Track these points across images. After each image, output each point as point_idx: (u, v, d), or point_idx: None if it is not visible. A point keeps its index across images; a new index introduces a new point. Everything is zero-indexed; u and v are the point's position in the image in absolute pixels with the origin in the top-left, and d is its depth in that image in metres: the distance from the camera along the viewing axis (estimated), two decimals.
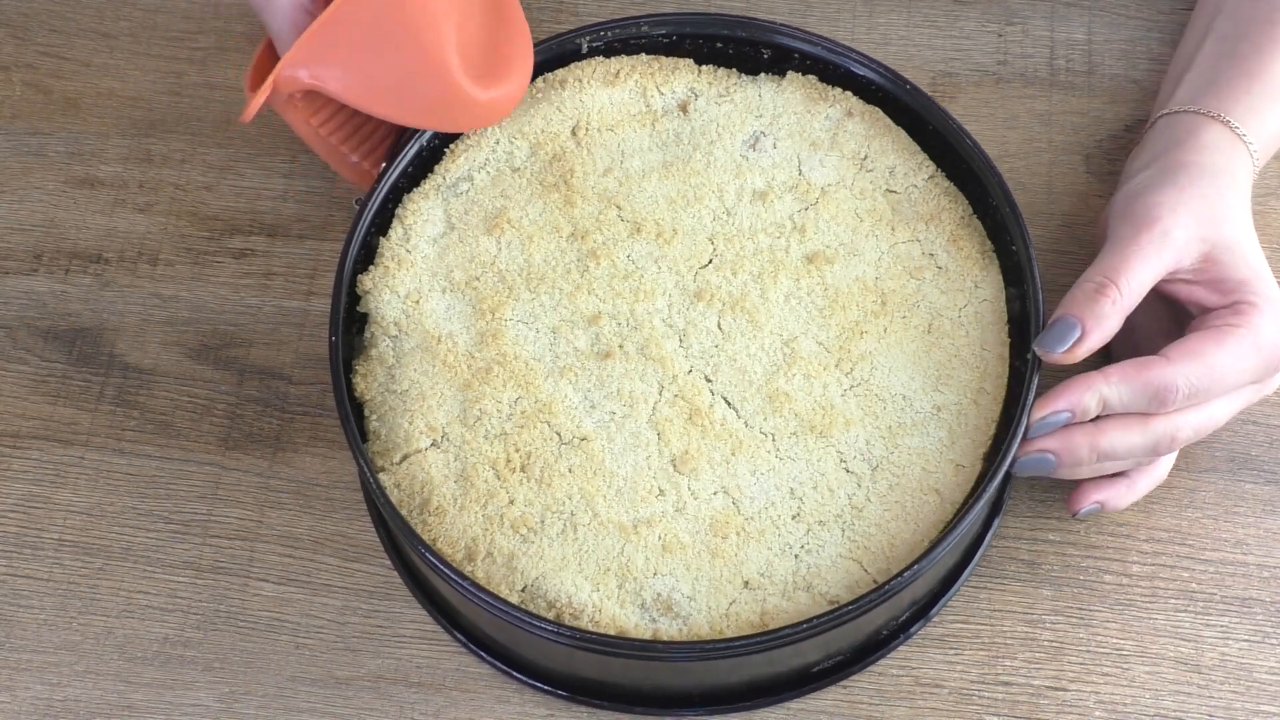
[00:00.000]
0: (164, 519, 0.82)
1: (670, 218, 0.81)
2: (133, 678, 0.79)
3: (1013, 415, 0.75)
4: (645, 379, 0.77)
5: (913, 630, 0.78)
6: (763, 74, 0.85)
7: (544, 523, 0.74)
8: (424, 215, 0.81)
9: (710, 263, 0.80)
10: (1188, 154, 0.78)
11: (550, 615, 0.72)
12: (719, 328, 0.78)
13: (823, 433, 0.76)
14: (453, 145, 0.83)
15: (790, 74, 0.84)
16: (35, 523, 0.83)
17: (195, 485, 0.83)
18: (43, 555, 0.82)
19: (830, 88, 0.84)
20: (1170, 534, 0.81)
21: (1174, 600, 0.79)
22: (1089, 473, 0.76)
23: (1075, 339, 0.74)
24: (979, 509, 0.73)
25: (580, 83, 0.84)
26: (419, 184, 0.82)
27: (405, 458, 0.76)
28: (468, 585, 0.71)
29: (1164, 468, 0.79)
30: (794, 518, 0.74)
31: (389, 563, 0.81)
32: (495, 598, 0.71)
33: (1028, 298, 0.77)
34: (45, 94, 0.95)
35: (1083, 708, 0.77)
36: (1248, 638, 0.78)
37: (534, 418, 0.76)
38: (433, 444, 0.76)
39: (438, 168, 0.83)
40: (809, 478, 0.75)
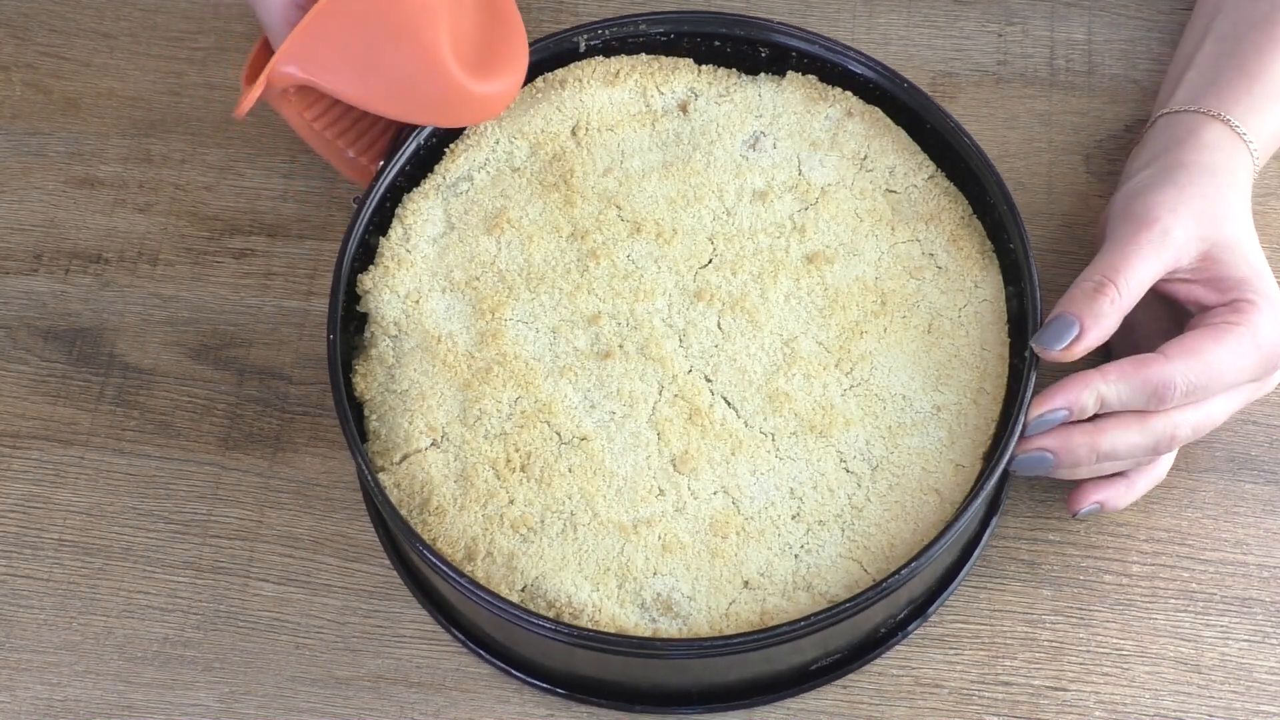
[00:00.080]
0: (164, 519, 0.82)
1: (670, 218, 0.81)
2: (133, 678, 0.79)
3: (1012, 414, 0.75)
4: (645, 379, 0.77)
5: (911, 629, 0.78)
6: (762, 74, 0.85)
7: (544, 522, 0.74)
8: (424, 215, 0.81)
9: (710, 263, 0.80)
10: (1188, 153, 0.78)
11: (550, 615, 0.72)
12: (719, 328, 0.78)
13: (823, 433, 0.76)
14: (452, 145, 0.83)
15: (790, 74, 0.84)
16: (35, 523, 0.83)
17: (195, 485, 0.83)
18: (43, 555, 0.82)
19: (830, 88, 0.84)
20: (1170, 534, 0.80)
21: (1174, 600, 0.79)
22: (1088, 473, 0.76)
23: (1073, 337, 0.74)
24: (976, 506, 0.73)
25: (580, 82, 0.84)
26: (419, 184, 0.82)
27: (405, 457, 0.76)
28: (467, 584, 0.71)
29: (1163, 467, 0.79)
30: (794, 517, 0.74)
31: (389, 563, 0.81)
32: (495, 597, 0.71)
33: (1026, 296, 0.76)
34: (45, 94, 0.95)
35: (1083, 708, 0.77)
36: (1248, 638, 0.78)
37: (534, 418, 0.76)
38: (433, 444, 0.76)
39: (437, 167, 0.83)
40: (809, 478, 0.75)
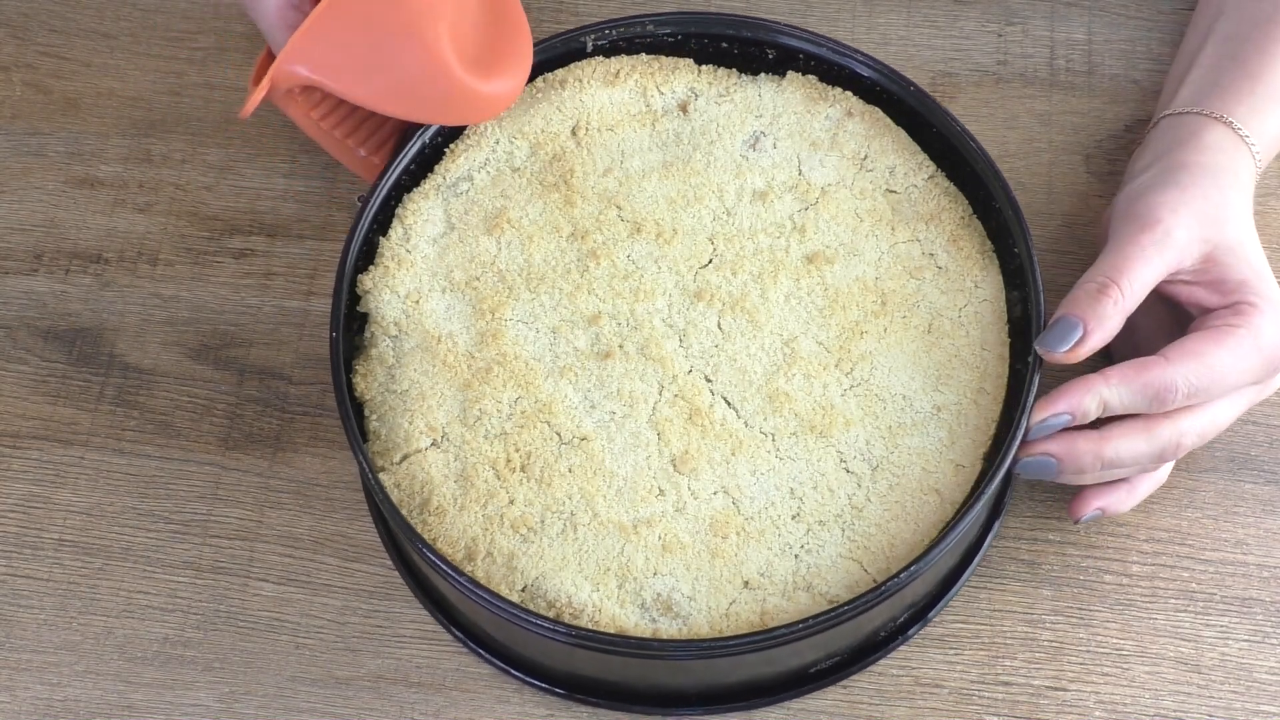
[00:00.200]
0: (164, 519, 0.82)
1: (670, 218, 0.81)
2: (133, 678, 0.79)
3: (1013, 415, 0.75)
4: (645, 379, 0.77)
5: (911, 632, 0.78)
6: (763, 74, 0.85)
7: (544, 522, 0.74)
8: (424, 215, 0.81)
9: (710, 263, 0.80)
10: (1190, 154, 0.78)
11: (550, 615, 0.72)
12: (719, 328, 0.78)
13: (823, 433, 0.76)
14: (453, 145, 0.83)
15: (790, 74, 0.84)
16: (35, 523, 0.83)
17: (195, 485, 0.83)
18: (43, 555, 0.82)
19: (830, 88, 0.84)
20: (1170, 534, 0.80)
21: (1174, 600, 0.79)
22: (1092, 479, 0.76)
23: (1077, 339, 0.73)
24: (978, 509, 0.73)
25: (580, 83, 0.84)
26: (419, 184, 0.82)
27: (405, 457, 0.76)
28: (468, 584, 0.71)
29: (1164, 471, 0.79)
30: (794, 518, 0.74)
31: (389, 563, 0.81)
32: (495, 596, 0.71)
33: (1029, 301, 0.76)
34: (45, 94, 0.95)
35: (1083, 708, 0.77)
36: (1248, 638, 0.78)
37: (534, 418, 0.76)
38: (433, 444, 0.76)
39: (437, 167, 0.83)
40: (809, 478, 0.75)
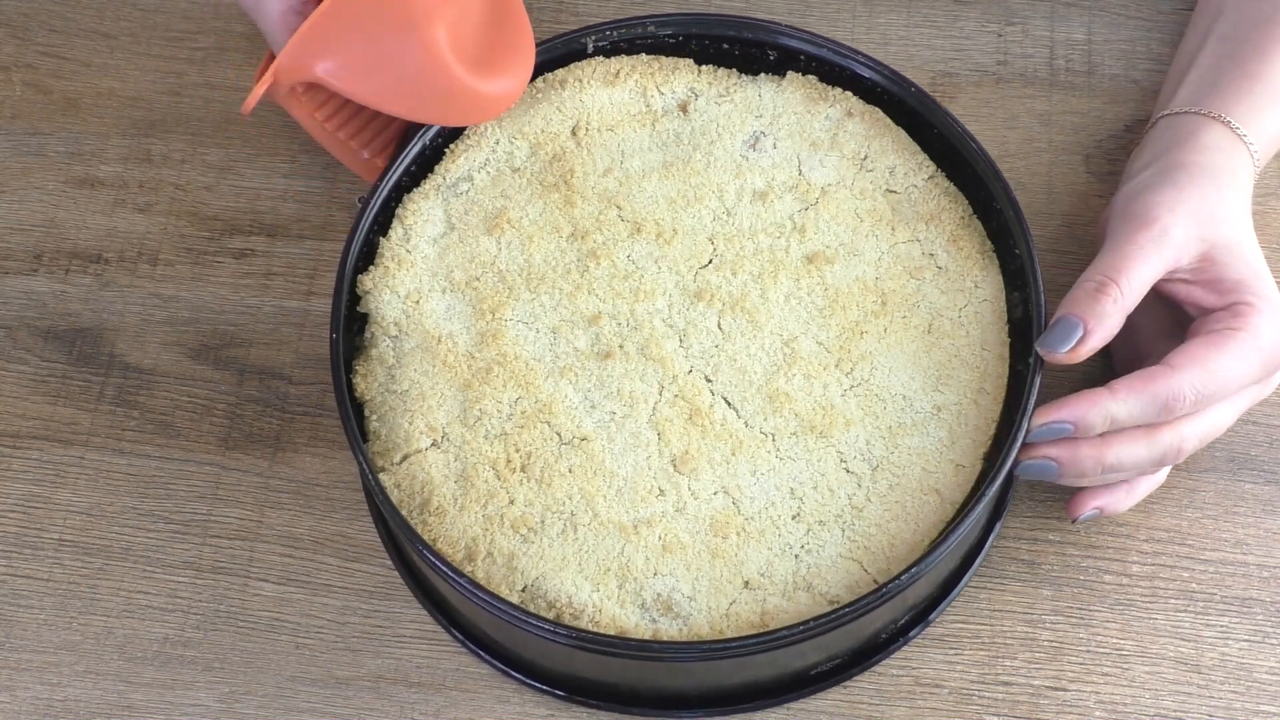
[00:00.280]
0: (164, 519, 0.82)
1: (670, 218, 0.81)
2: (133, 678, 0.79)
3: (1013, 416, 0.75)
4: (645, 379, 0.77)
5: (912, 634, 0.78)
6: (763, 74, 0.85)
7: (544, 523, 0.74)
8: (424, 215, 0.81)
9: (710, 263, 0.80)
10: (1188, 154, 0.78)
11: (550, 615, 0.72)
12: (719, 328, 0.78)
13: (823, 433, 0.76)
14: (453, 145, 0.83)
15: (790, 74, 0.84)
16: (35, 523, 0.83)
17: (195, 485, 0.83)
18: (43, 555, 0.82)
19: (830, 88, 0.84)
20: (1170, 534, 0.80)
21: (1174, 600, 0.79)
22: (1092, 483, 0.76)
23: (1078, 338, 0.73)
24: (980, 510, 0.73)
25: (580, 83, 0.84)
26: (419, 184, 0.82)
27: (405, 458, 0.76)
28: (468, 585, 0.71)
29: (1164, 471, 0.79)
30: (794, 518, 0.74)
31: (389, 563, 0.81)
32: (495, 597, 0.71)
33: (1030, 302, 0.76)
34: (45, 94, 0.95)
35: (1083, 708, 0.77)
36: (1248, 638, 0.78)
37: (534, 418, 0.76)
38: (433, 444, 0.76)
39: (438, 168, 0.83)
40: (809, 478, 0.75)
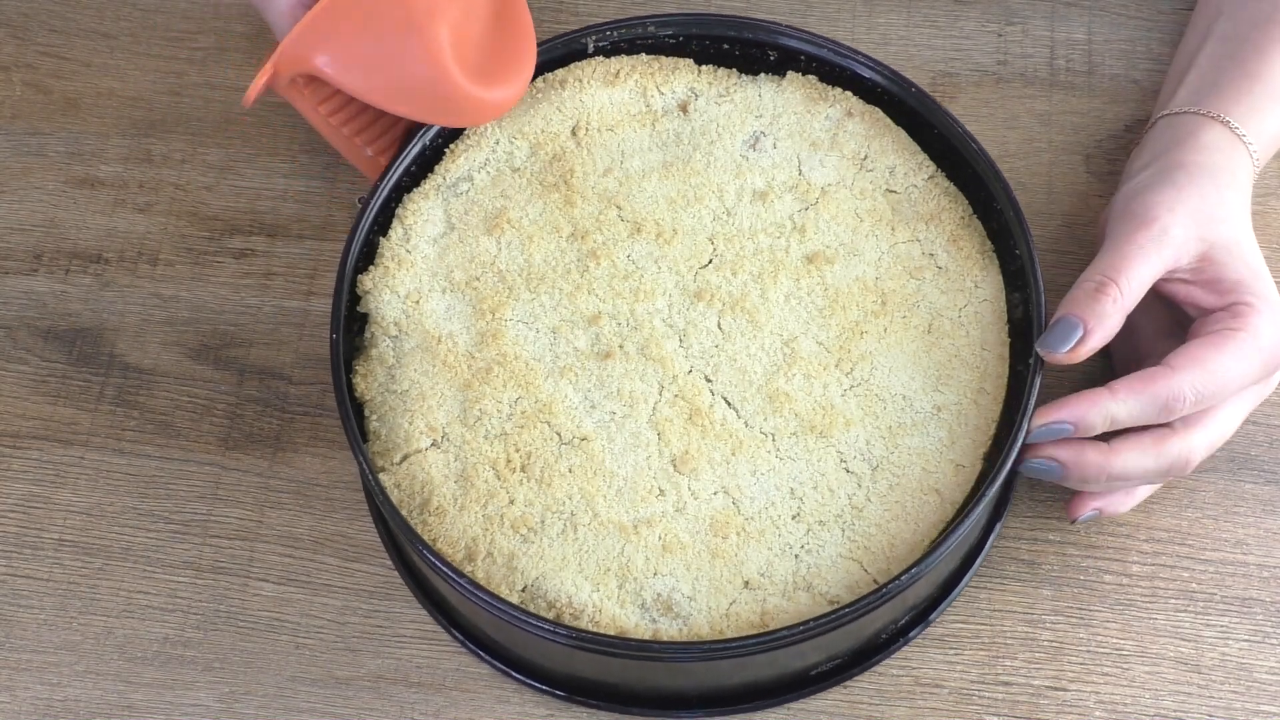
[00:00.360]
0: (164, 519, 0.82)
1: (670, 218, 0.81)
2: (133, 678, 0.79)
3: (1013, 416, 0.75)
4: (645, 379, 0.77)
5: (912, 634, 0.78)
6: (763, 74, 0.85)
7: (544, 523, 0.74)
8: (424, 215, 0.81)
9: (710, 263, 0.80)
10: (1187, 154, 0.78)
11: (550, 615, 0.72)
12: (719, 328, 0.78)
13: (823, 433, 0.76)
14: (453, 145, 0.83)
15: (790, 74, 0.84)
16: (35, 523, 0.83)
17: (195, 485, 0.83)
18: (43, 555, 0.82)
19: (830, 88, 0.84)
20: (1170, 534, 0.80)
21: (1174, 600, 0.79)
22: (1096, 488, 0.76)
23: (1078, 338, 0.73)
24: (980, 511, 0.73)
25: (580, 83, 0.84)
26: (419, 184, 0.82)
27: (405, 458, 0.76)
28: (468, 585, 0.71)
29: None
30: (794, 518, 0.74)
31: (389, 563, 0.81)
32: (495, 597, 0.71)
33: (1031, 302, 0.76)
34: (45, 94, 0.95)
35: (1083, 708, 0.77)
36: (1248, 638, 0.78)
37: (534, 418, 0.76)
38: (433, 444, 0.76)
39: (437, 168, 0.83)
40: (809, 478, 0.75)
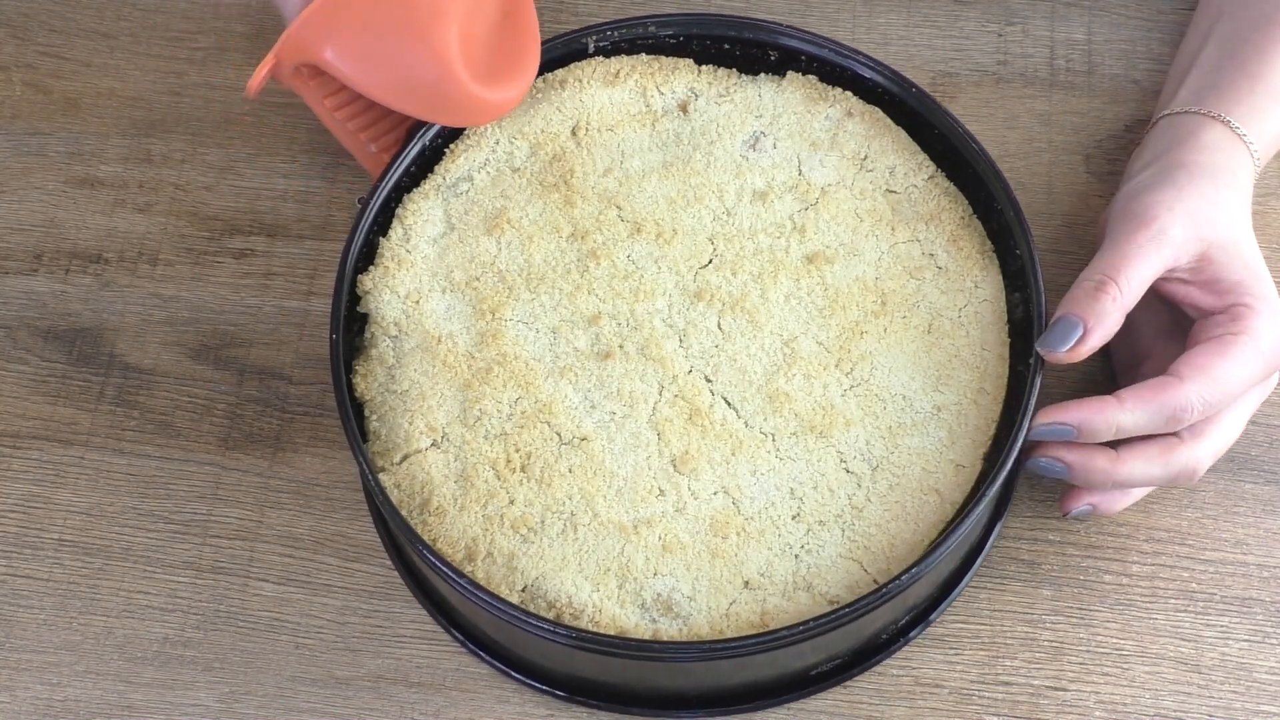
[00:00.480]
0: (164, 519, 0.82)
1: (670, 218, 0.81)
2: (133, 678, 0.79)
3: (1013, 416, 0.75)
4: (645, 379, 0.77)
5: (912, 635, 0.78)
6: (763, 74, 0.85)
7: (544, 523, 0.74)
8: (424, 215, 0.81)
9: (710, 263, 0.80)
10: (1188, 154, 0.78)
11: (550, 615, 0.72)
12: (719, 328, 0.78)
13: (823, 433, 0.76)
14: (453, 145, 0.83)
15: (790, 74, 0.84)
16: (35, 523, 0.83)
17: (195, 485, 0.83)
18: (43, 555, 0.82)
19: (830, 88, 0.84)
20: (1170, 534, 0.80)
21: (1174, 600, 0.79)
22: (1101, 491, 0.76)
23: (1078, 338, 0.73)
24: (981, 511, 0.73)
25: (580, 83, 0.84)
26: (419, 184, 0.82)
27: (405, 458, 0.76)
28: (468, 585, 0.71)
29: None
30: (794, 518, 0.74)
31: (389, 563, 0.81)
32: (495, 598, 0.71)
33: (1031, 303, 0.76)
34: (45, 94, 0.95)
35: (1083, 708, 0.77)
36: (1248, 638, 0.78)
37: (534, 418, 0.76)
38: (433, 444, 0.76)
39: (437, 168, 0.83)
40: (809, 478, 0.75)
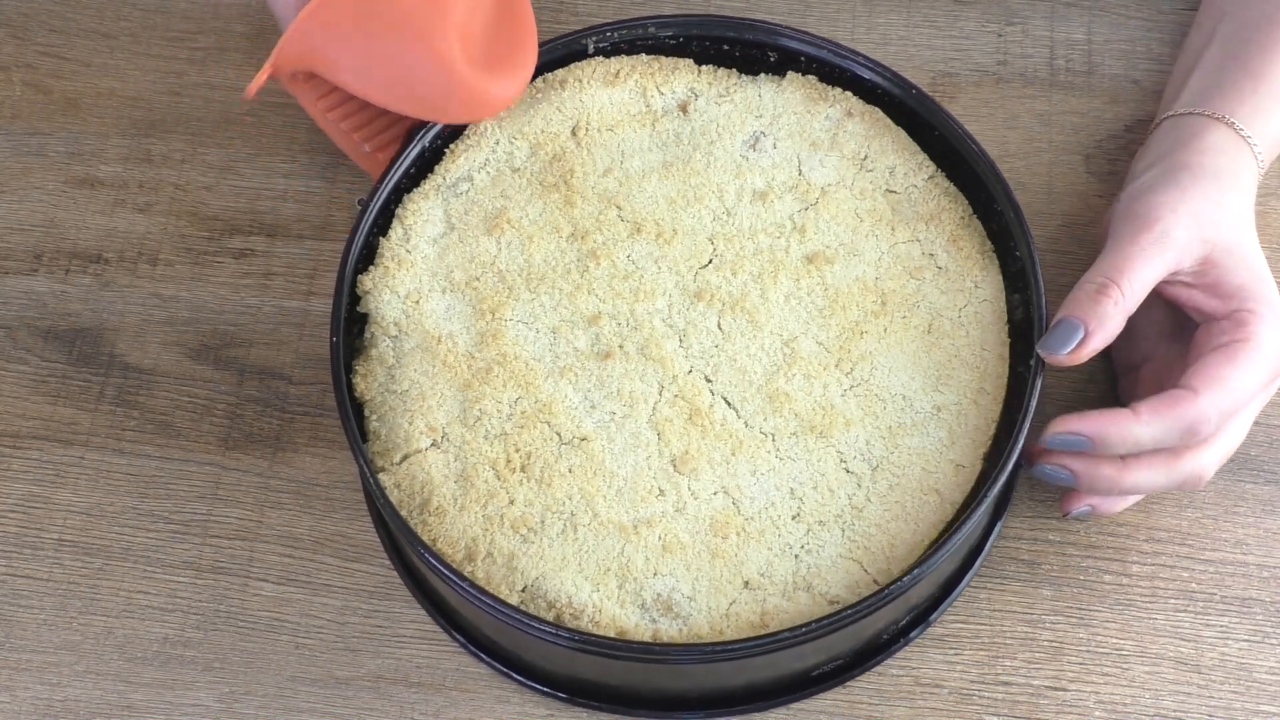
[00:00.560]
0: (164, 519, 0.82)
1: (670, 218, 0.81)
2: (133, 678, 0.79)
3: (1013, 417, 0.75)
4: (645, 379, 0.77)
5: (912, 635, 0.78)
6: (763, 74, 0.85)
7: (544, 523, 0.74)
8: (424, 215, 0.81)
9: (710, 263, 0.80)
10: (1191, 155, 0.78)
11: (550, 615, 0.72)
12: (719, 328, 0.78)
13: (823, 433, 0.76)
14: (452, 145, 0.83)
15: (790, 74, 0.84)
16: (35, 523, 0.83)
17: (195, 485, 0.83)
18: (43, 555, 0.82)
19: (830, 88, 0.84)
20: (1170, 534, 0.80)
21: (1174, 600, 0.79)
22: (1105, 497, 0.76)
23: (1079, 340, 0.73)
24: (981, 511, 0.73)
25: (580, 83, 0.84)
26: (419, 184, 0.82)
27: (405, 458, 0.76)
28: (467, 586, 0.71)
29: None
30: (794, 518, 0.74)
31: (389, 563, 0.81)
32: (495, 599, 0.71)
33: (1031, 304, 0.76)
34: (45, 94, 0.95)
35: (1083, 708, 0.77)
36: (1248, 638, 0.78)
37: (534, 418, 0.76)
38: (433, 444, 0.76)
39: (437, 168, 0.83)
40: (809, 478, 0.75)
